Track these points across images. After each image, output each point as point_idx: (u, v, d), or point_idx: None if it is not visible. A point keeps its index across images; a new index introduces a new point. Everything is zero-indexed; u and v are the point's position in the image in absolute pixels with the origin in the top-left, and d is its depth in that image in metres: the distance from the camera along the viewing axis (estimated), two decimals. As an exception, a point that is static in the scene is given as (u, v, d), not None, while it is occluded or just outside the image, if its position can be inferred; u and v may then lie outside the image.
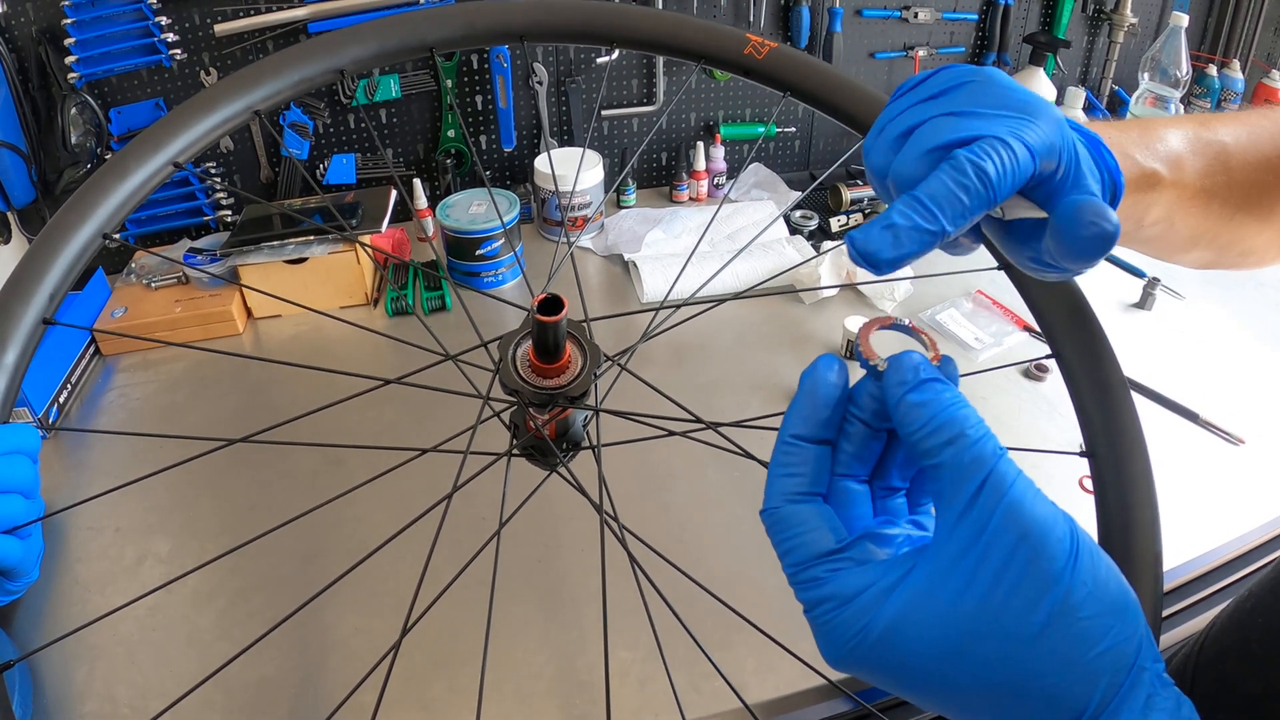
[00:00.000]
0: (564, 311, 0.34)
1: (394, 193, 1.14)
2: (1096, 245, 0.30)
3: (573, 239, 1.18)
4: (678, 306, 0.47)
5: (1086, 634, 0.27)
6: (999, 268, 0.44)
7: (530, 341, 0.37)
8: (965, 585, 0.27)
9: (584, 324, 0.39)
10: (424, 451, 0.40)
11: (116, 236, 0.47)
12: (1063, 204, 0.31)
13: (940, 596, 0.27)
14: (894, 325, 0.31)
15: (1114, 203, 0.35)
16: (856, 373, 0.32)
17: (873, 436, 0.32)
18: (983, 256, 0.43)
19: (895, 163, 0.32)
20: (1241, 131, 0.47)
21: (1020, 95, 0.32)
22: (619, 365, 0.41)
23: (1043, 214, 0.32)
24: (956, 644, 0.27)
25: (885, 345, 0.31)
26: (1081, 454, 0.45)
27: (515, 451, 0.40)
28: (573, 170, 1.17)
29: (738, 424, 0.40)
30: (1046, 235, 0.32)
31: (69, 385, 0.94)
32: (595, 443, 0.41)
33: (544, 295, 0.35)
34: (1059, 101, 1.35)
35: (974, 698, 0.28)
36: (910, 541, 0.31)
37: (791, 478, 0.31)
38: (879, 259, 0.29)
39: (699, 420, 0.40)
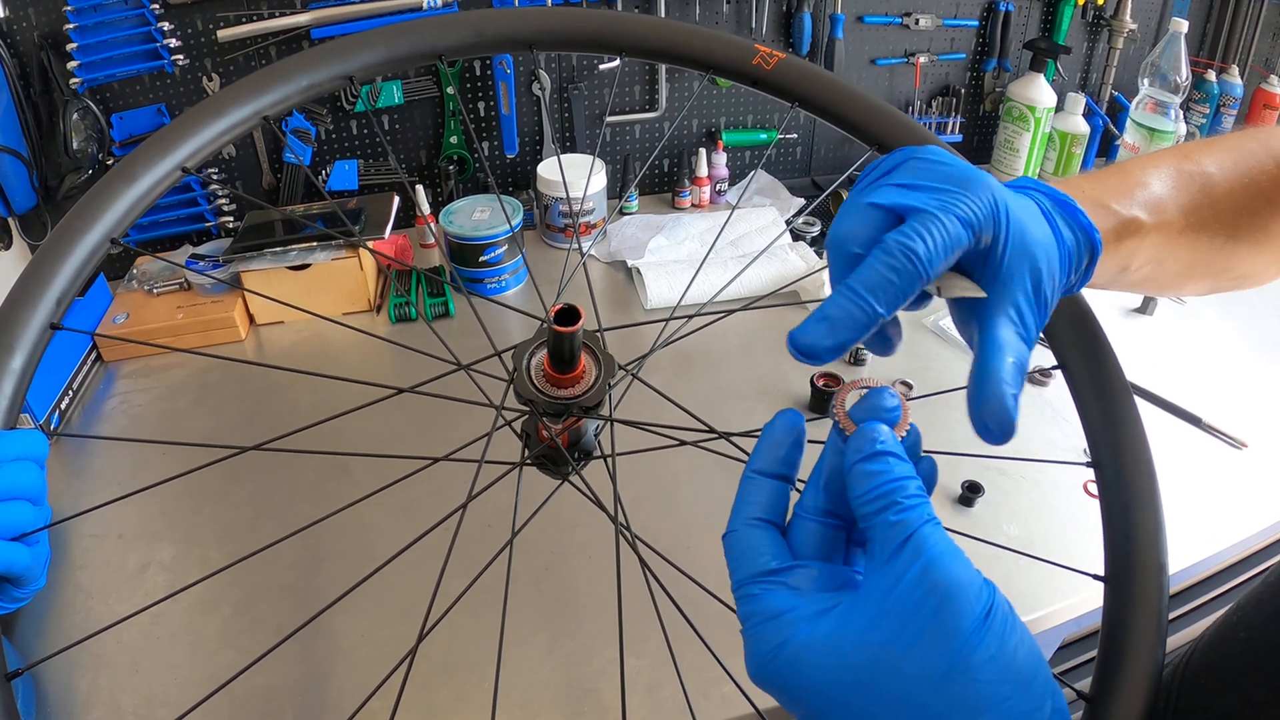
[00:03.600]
0: (580, 322, 0.34)
1: (397, 199, 1.14)
2: (992, 440, 0.33)
3: (588, 245, 1.18)
4: (690, 317, 0.47)
5: (980, 697, 0.27)
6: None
7: (544, 351, 0.37)
8: (872, 629, 0.28)
9: (598, 334, 0.39)
10: (436, 460, 0.40)
11: (121, 242, 0.47)
12: (975, 369, 0.33)
13: (849, 635, 0.29)
14: (872, 391, 0.32)
15: (1091, 263, 0.38)
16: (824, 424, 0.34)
17: (843, 487, 0.33)
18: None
19: (834, 222, 0.35)
20: (1226, 159, 0.47)
21: (956, 168, 0.34)
22: (633, 375, 0.41)
23: (981, 293, 0.34)
24: (856, 678, 0.28)
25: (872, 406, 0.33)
26: (1088, 464, 0.45)
27: (528, 461, 0.40)
28: (576, 177, 1.17)
29: (749, 434, 0.40)
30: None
31: (70, 391, 0.93)
32: (609, 453, 0.40)
33: (560, 306, 0.35)
34: (1059, 108, 1.35)
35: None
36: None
37: (749, 505, 0.33)
38: (818, 349, 0.31)
39: (711, 430, 0.40)
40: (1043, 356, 0.96)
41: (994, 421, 0.32)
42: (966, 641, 0.27)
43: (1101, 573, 0.44)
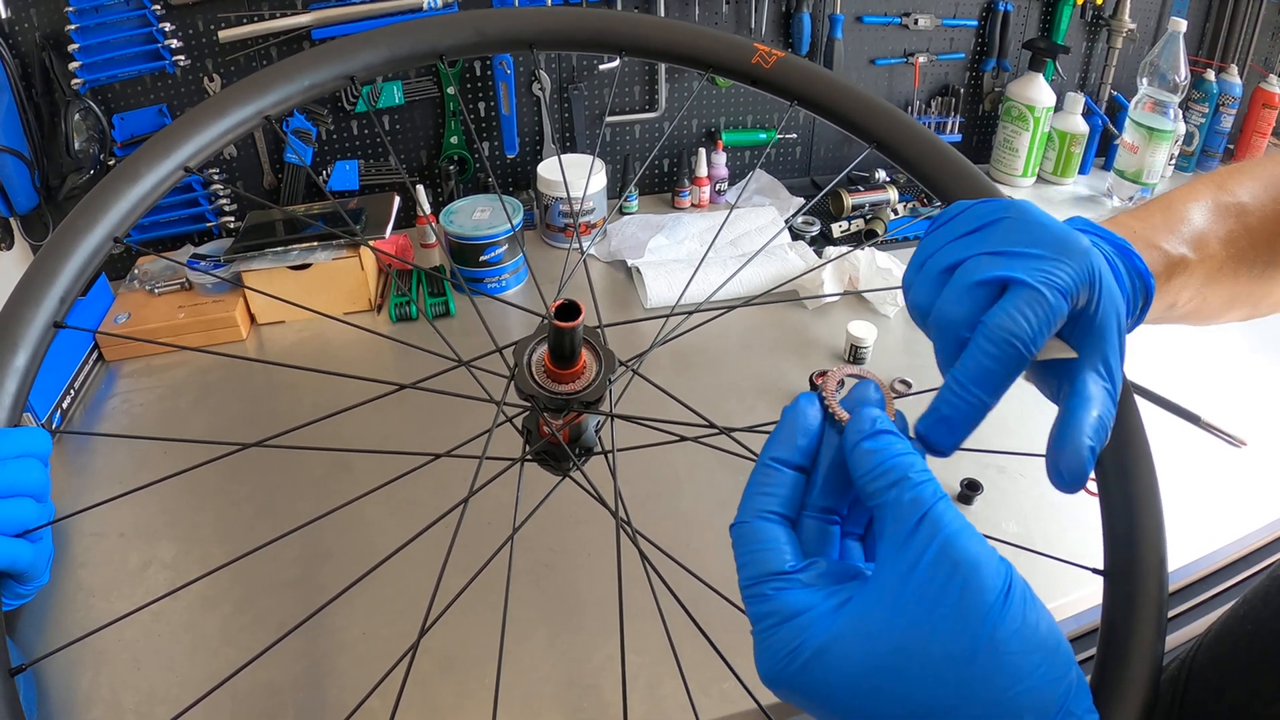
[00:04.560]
0: (581, 317, 0.35)
1: (397, 199, 1.14)
2: (1064, 487, 0.33)
3: (587, 244, 1.18)
4: (689, 313, 0.47)
5: (1011, 669, 0.27)
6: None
7: (545, 347, 0.37)
8: (896, 614, 0.28)
9: (598, 330, 0.39)
10: (438, 456, 0.40)
11: (124, 241, 0.47)
12: (1061, 420, 0.34)
13: (872, 624, 0.28)
14: (859, 382, 0.33)
15: (1145, 306, 0.39)
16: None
17: (840, 481, 0.33)
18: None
19: (939, 303, 0.34)
20: (1257, 186, 0.48)
21: (1052, 230, 0.34)
22: (633, 371, 0.41)
23: (1073, 354, 0.35)
24: (883, 672, 0.28)
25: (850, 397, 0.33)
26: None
27: (529, 457, 0.40)
28: (576, 177, 1.17)
29: (751, 429, 0.40)
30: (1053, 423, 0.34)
31: (72, 391, 0.94)
32: (609, 448, 0.41)
33: (561, 301, 0.35)
34: (1058, 107, 1.36)
35: None
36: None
37: (765, 496, 0.32)
38: (942, 447, 0.32)
39: (712, 425, 0.40)
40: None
41: (1069, 471, 0.33)
42: (992, 616, 0.27)
43: (1101, 567, 0.44)
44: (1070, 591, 0.72)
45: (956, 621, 0.27)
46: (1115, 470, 0.46)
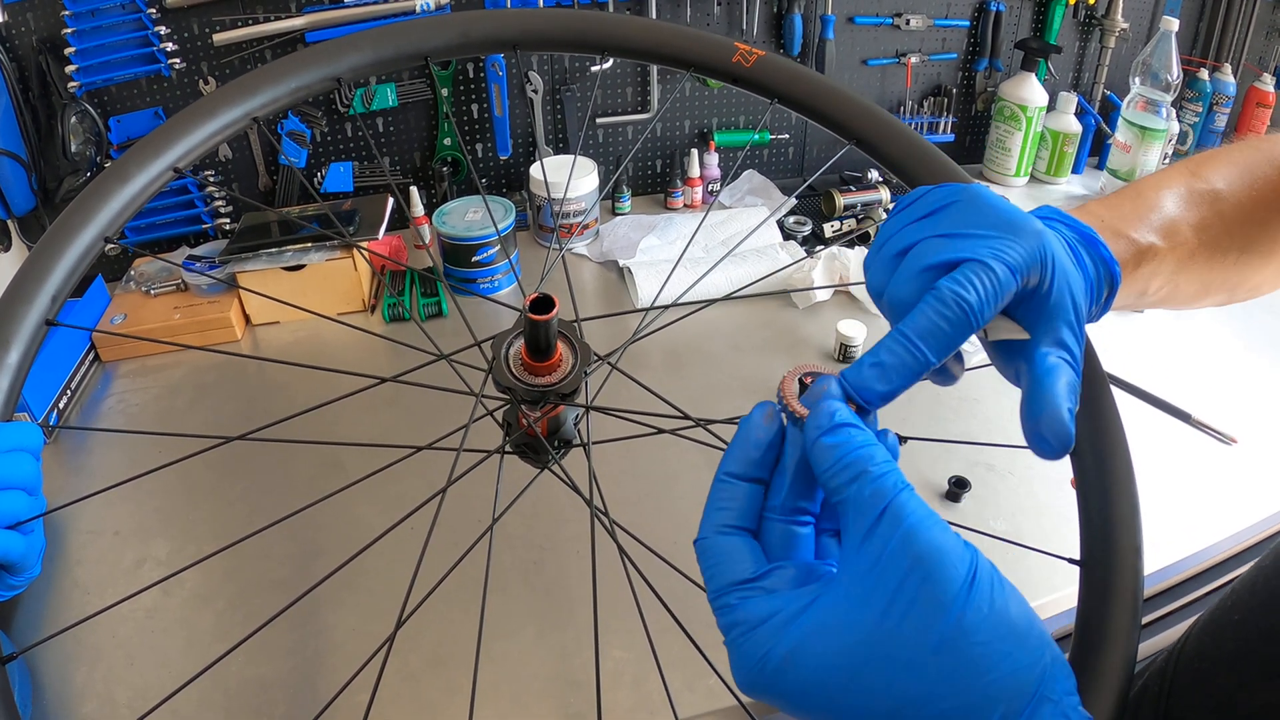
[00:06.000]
0: (555, 310, 0.35)
1: (391, 200, 1.15)
2: (1051, 453, 0.33)
3: (565, 244, 1.19)
4: (666, 308, 0.48)
5: (980, 659, 0.27)
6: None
7: (522, 340, 0.38)
8: (859, 610, 0.28)
9: (575, 324, 0.40)
10: (419, 449, 0.41)
11: (117, 243, 0.48)
12: (1030, 392, 0.34)
13: (837, 623, 0.28)
14: (818, 379, 0.33)
15: (1111, 294, 0.38)
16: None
17: (808, 479, 0.33)
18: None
19: (890, 285, 0.35)
20: (1232, 173, 0.48)
21: (1003, 212, 0.35)
22: (609, 364, 0.42)
23: (1024, 335, 0.35)
24: (851, 669, 0.28)
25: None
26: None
27: (508, 448, 0.41)
28: (567, 178, 1.18)
29: (727, 420, 0.40)
30: (1021, 399, 0.35)
31: (69, 390, 0.94)
32: (586, 440, 0.41)
33: (535, 295, 0.35)
34: (1051, 107, 1.36)
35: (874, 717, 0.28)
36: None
37: (721, 511, 0.32)
38: (871, 394, 0.32)
39: (688, 417, 0.40)
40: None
41: (1051, 433, 0.33)
42: (956, 606, 0.27)
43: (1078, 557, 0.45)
44: (1060, 588, 0.72)
45: (923, 610, 0.27)
46: (1090, 460, 0.47)
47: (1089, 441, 0.47)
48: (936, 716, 0.27)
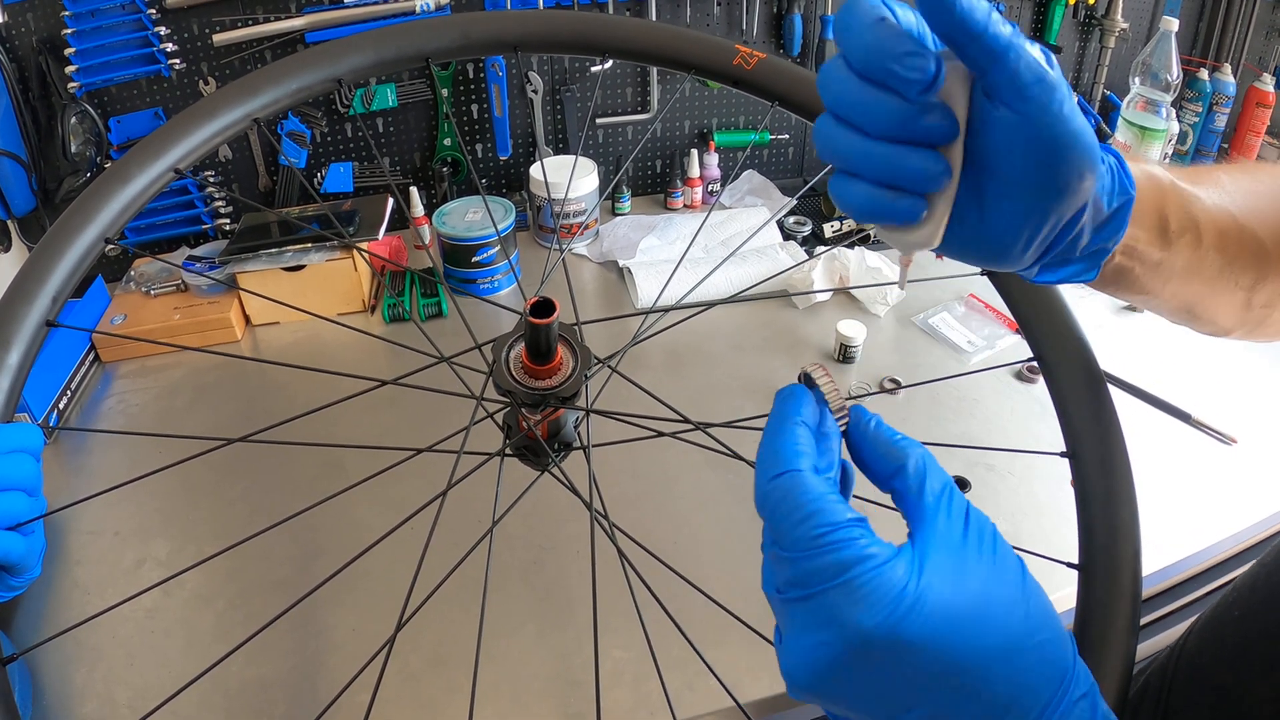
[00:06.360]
0: (555, 314, 0.35)
1: (391, 201, 1.15)
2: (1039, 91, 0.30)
3: (566, 245, 1.19)
4: (668, 310, 0.48)
5: (1042, 608, 0.31)
6: (982, 272, 0.45)
7: (523, 344, 0.38)
8: (964, 564, 0.30)
9: (575, 327, 0.40)
10: (419, 451, 0.41)
11: (117, 243, 0.48)
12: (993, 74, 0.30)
13: (952, 572, 0.30)
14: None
15: (1125, 206, 0.37)
16: None
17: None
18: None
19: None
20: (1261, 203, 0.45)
21: None
22: (609, 367, 0.42)
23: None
24: (966, 619, 0.29)
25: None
26: (1063, 454, 0.46)
27: (508, 451, 0.41)
28: (567, 178, 1.18)
29: (727, 424, 0.41)
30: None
31: (69, 391, 0.95)
32: (586, 443, 0.41)
33: (536, 298, 0.35)
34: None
35: (995, 663, 0.29)
36: None
37: (803, 455, 0.31)
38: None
39: (687, 421, 0.40)
40: (1029, 351, 0.97)
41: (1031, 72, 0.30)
42: (1022, 567, 0.32)
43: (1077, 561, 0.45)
44: (1060, 587, 0.72)
45: (1008, 568, 0.31)
46: (1089, 463, 0.47)
47: (1089, 444, 0.47)
48: (1037, 647, 0.30)
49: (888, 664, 0.29)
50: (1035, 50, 0.30)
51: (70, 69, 1.02)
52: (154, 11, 1.03)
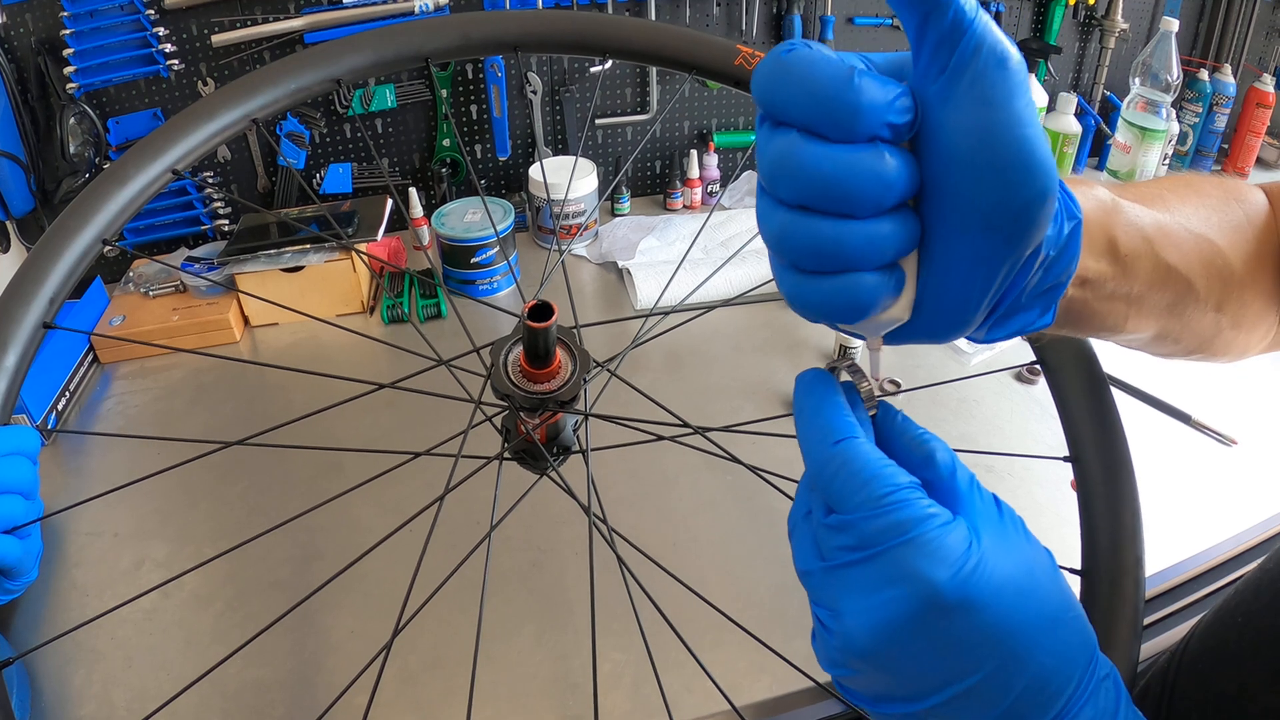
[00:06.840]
0: (554, 317, 0.35)
1: (390, 201, 1.15)
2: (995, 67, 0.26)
3: (565, 246, 1.19)
4: (667, 313, 0.48)
5: (1070, 587, 0.32)
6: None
7: (521, 347, 0.38)
8: (1012, 537, 0.31)
9: (574, 330, 0.40)
10: (417, 455, 0.41)
11: (115, 244, 0.48)
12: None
13: (1001, 542, 0.30)
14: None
15: (1075, 232, 0.33)
16: None
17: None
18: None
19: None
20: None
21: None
22: (608, 371, 0.42)
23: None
24: (1018, 587, 0.29)
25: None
26: (1065, 459, 0.46)
27: (506, 455, 0.41)
28: (567, 179, 1.18)
29: (725, 429, 0.40)
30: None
31: (67, 393, 0.94)
32: (584, 447, 0.41)
33: (534, 302, 0.35)
34: (1051, 107, 1.36)
35: (1041, 634, 0.29)
36: None
37: (852, 425, 0.31)
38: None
39: (686, 425, 0.40)
40: (1029, 353, 0.97)
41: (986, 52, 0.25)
42: (1047, 550, 0.32)
43: (1079, 567, 0.45)
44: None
45: (1040, 550, 0.32)
46: (1092, 467, 0.47)
47: (1089, 448, 0.47)
48: (1075, 619, 0.31)
49: (954, 624, 0.28)
50: (1004, 37, 0.26)
51: (69, 69, 1.02)
52: (153, 12, 1.03)
